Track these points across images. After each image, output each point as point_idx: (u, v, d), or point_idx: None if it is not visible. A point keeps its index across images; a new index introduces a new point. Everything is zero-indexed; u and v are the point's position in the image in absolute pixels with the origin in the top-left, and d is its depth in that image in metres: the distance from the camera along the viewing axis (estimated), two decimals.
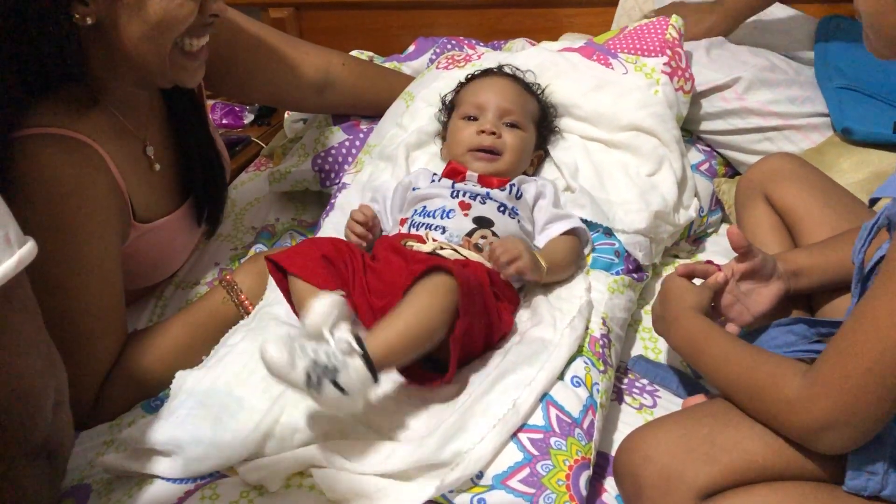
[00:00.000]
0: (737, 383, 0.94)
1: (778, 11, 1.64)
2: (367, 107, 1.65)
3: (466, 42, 1.80)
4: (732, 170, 1.66)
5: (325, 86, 1.58)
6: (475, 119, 1.34)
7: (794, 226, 1.23)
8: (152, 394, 1.18)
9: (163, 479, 0.98)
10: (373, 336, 0.94)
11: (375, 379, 0.91)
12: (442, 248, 1.16)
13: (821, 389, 0.83)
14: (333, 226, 1.39)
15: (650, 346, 1.30)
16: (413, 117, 1.52)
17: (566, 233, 1.25)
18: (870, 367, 0.79)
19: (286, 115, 1.88)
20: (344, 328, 0.92)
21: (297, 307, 1.07)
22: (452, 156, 1.35)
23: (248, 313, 1.26)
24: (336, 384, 0.87)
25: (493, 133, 1.32)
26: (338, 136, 1.63)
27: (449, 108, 1.45)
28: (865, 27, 0.96)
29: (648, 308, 1.32)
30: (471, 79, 1.45)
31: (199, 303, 1.28)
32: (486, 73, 1.46)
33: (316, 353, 0.88)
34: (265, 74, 1.51)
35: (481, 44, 1.79)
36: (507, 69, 1.46)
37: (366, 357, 0.90)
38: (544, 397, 1.01)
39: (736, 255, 1.14)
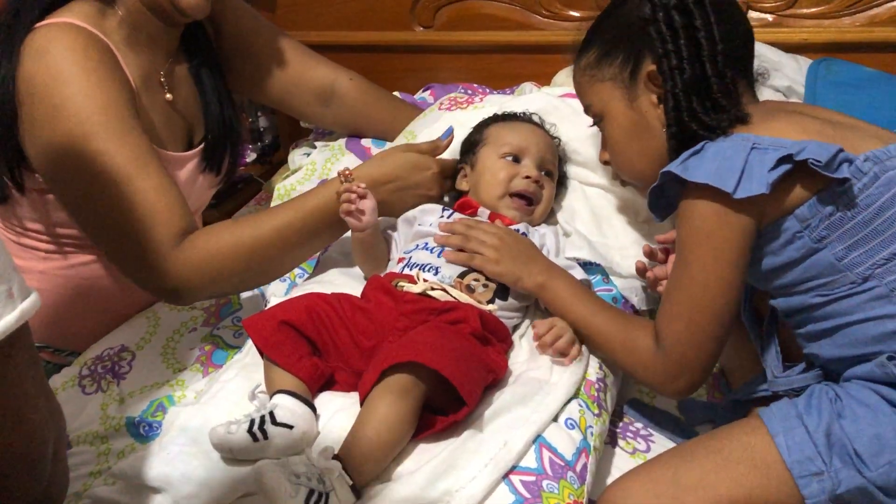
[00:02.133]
0: (609, 344, 1.12)
1: (770, 54, 1.67)
2: (369, 127, 1.67)
3: (480, 90, 1.83)
4: None
5: (330, 97, 1.61)
6: (516, 161, 1.33)
7: None
8: (245, 276, 1.20)
9: None
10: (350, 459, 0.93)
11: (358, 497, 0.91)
12: (433, 289, 1.15)
13: (667, 349, 1.03)
14: (331, 262, 1.39)
15: (645, 390, 1.29)
16: None
17: None
18: (693, 326, 1.01)
19: (291, 149, 1.90)
20: (329, 454, 0.92)
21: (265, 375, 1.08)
22: (484, 195, 1.32)
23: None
24: None
25: (538, 182, 1.31)
26: (348, 160, 1.62)
27: (470, 142, 1.41)
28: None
29: None
30: (501, 118, 1.43)
31: (313, 191, 1.27)
32: (517, 117, 1.43)
33: (310, 479, 0.88)
34: (277, 69, 1.55)
35: (495, 92, 1.81)
36: (535, 117, 1.44)
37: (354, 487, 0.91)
38: (537, 439, 1.00)
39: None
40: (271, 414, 0.94)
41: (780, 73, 1.63)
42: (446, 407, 1.01)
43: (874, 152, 0.96)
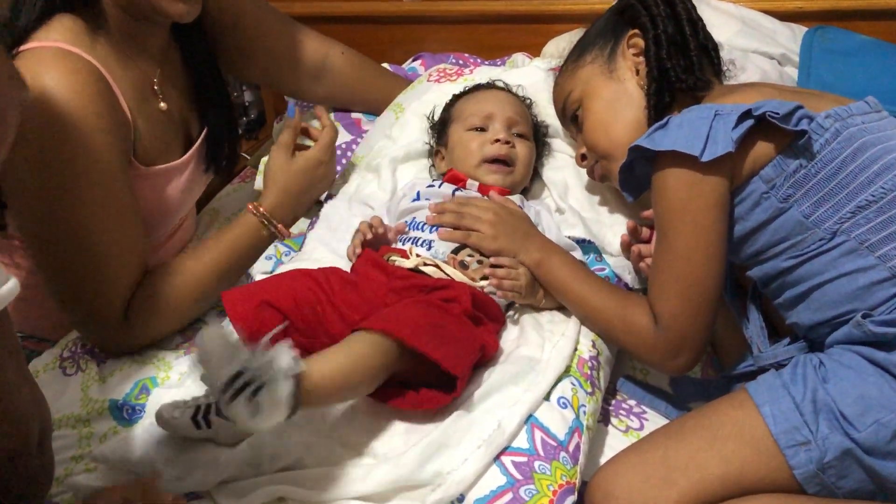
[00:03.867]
0: (607, 324, 1.12)
1: (766, 22, 1.65)
2: (361, 102, 1.64)
3: (472, 59, 1.80)
4: None
5: (321, 72, 1.57)
6: (483, 130, 1.32)
7: None
8: (185, 320, 1.21)
9: None
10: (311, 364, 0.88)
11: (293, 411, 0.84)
12: (425, 265, 1.13)
13: (665, 327, 1.03)
14: (319, 239, 1.37)
15: (637, 366, 1.28)
16: (403, 129, 1.50)
17: None
18: (685, 300, 1.02)
19: (275, 124, 1.86)
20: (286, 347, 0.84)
21: None
22: (462, 168, 1.31)
23: (286, 238, 1.31)
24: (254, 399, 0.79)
25: (508, 143, 1.30)
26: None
27: (440, 122, 1.42)
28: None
29: None
30: (465, 93, 1.42)
31: (234, 228, 1.26)
32: (481, 87, 1.43)
33: (250, 361, 0.81)
34: (266, 45, 1.50)
35: (486, 62, 1.78)
36: (499, 83, 1.44)
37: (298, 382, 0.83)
38: (529, 418, 0.99)
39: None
40: (217, 403, 0.91)
41: (775, 41, 1.61)
42: (435, 386, 0.99)
43: (835, 109, 0.99)
